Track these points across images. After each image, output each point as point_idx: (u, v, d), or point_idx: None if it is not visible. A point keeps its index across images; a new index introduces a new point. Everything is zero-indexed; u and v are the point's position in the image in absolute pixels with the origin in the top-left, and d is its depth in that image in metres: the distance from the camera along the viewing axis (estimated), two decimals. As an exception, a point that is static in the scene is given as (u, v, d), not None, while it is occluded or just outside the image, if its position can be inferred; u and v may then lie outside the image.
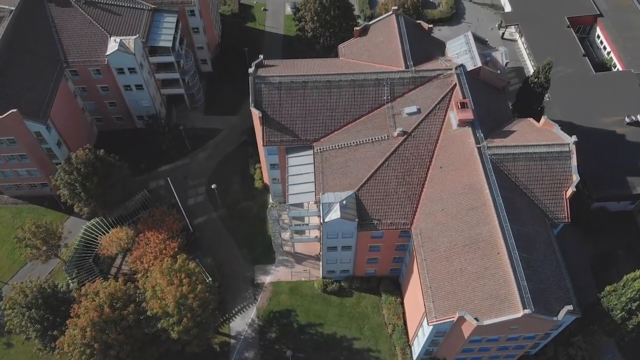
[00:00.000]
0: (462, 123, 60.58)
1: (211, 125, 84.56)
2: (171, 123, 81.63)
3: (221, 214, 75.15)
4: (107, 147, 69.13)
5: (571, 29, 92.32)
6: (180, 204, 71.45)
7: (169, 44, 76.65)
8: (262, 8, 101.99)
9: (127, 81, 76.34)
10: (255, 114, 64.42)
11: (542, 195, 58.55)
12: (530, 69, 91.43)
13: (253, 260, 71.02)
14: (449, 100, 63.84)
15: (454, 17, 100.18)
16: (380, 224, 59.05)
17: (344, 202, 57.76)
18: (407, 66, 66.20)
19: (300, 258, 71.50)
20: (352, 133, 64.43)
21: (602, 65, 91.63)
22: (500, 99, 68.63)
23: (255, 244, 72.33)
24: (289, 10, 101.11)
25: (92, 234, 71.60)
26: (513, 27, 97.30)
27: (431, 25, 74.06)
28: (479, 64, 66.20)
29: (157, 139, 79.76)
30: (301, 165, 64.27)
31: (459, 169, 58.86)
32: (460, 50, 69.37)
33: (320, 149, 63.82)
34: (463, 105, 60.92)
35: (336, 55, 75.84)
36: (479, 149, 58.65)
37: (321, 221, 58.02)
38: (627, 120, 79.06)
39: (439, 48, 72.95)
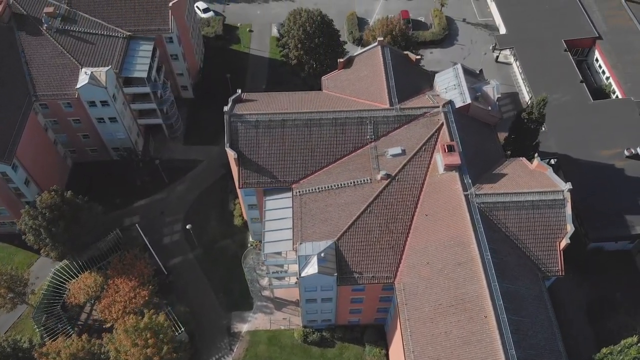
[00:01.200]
0: (449, 168, 56.85)
1: (190, 156, 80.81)
2: (146, 158, 77.79)
3: (197, 254, 71.40)
4: (81, 180, 65.72)
5: (568, 52, 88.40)
6: (152, 249, 67.55)
7: (144, 75, 72.91)
8: (247, 29, 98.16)
9: (100, 114, 72.60)
10: (231, 155, 60.76)
11: (534, 246, 54.74)
12: (525, 95, 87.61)
13: (230, 306, 67.17)
14: (436, 141, 60.11)
15: (447, 38, 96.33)
16: (361, 277, 55.22)
17: (322, 254, 53.94)
18: (391, 103, 62.47)
19: (280, 303, 67.69)
20: (334, 175, 60.69)
21: (600, 91, 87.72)
22: (491, 136, 64.84)
23: (232, 288, 68.53)
24: (275, 31, 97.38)
25: (61, 277, 67.89)
26: (508, 50, 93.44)
27: (419, 57, 70.34)
28: (468, 101, 62.40)
29: (132, 174, 76.02)
30: (279, 209, 60.53)
31: (445, 218, 55.05)
32: (448, 84, 65.56)
33: (299, 191, 60.07)
34: (450, 149, 57.13)
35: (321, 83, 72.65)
36: (466, 196, 54.83)
37: (298, 276, 54.30)
38: (626, 153, 75.15)
39: (427, 80, 69.21)
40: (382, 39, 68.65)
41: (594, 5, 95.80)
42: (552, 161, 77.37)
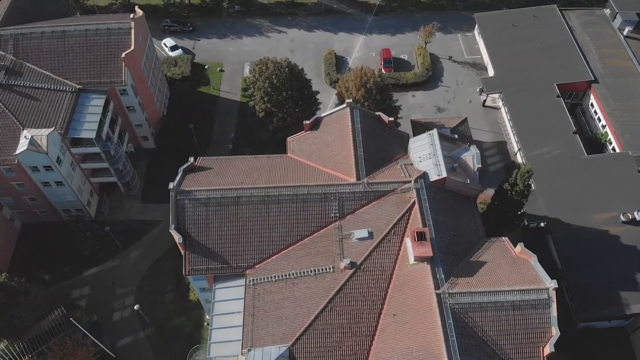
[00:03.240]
0: (420, 259, 50.33)
1: (148, 215, 74.32)
2: (96, 225, 71.26)
3: (150, 334, 64.94)
4: (29, 245, 60.05)
5: (561, 99, 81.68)
6: (100, 326, 61.33)
7: (92, 135, 66.49)
8: (218, 69, 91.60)
9: (44, 178, 66.31)
10: (176, 238, 54.30)
11: (514, 352, 47.96)
12: (514, 145, 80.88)
13: (182, 396, 61.06)
14: (407, 222, 53.61)
15: (430, 79, 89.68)
16: (318, 390, 48.84)
17: (274, 364, 47.56)
18: (358, 177, 55.93)
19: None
20: (293, 259, 54.11)
21: (595, 141, 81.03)
22: (470, 212, 58.05)
23: (186, 375, 62.35)
24: (247, 71, 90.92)
25: (-3, 363, 61.70)
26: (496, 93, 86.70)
27: (392, 119, 63.62)
28: (444, 174, 55.73)
29: (80, 244, 69.64)
30: (229, 300, 53.98)
31: (415, 320, 48.36)
32: (423, 153, 58.91)
33: (253, 280, 53.49)
34: (420, 237, 50.58)
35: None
36: (438, 296, 48.23)
37: (245, 388, 47.92)
38: (622, 218, 68.42)
39: (402, 144, 62.54)
40: (350, 100, 62.15)
41: (590, 44, 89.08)
42: (542, 224, 70.99)
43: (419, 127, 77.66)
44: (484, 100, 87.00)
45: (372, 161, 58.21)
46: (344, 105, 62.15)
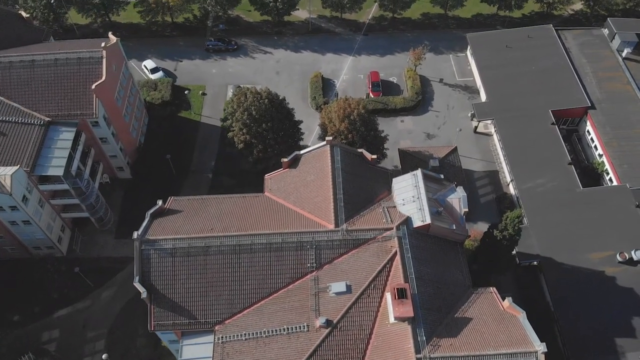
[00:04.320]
0: (400, 319, 46.91)
1: (122, 252, 70.81)
2: (62, 268, 67.88)
3: (120, 384, 61.86)
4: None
5: (556, 126, 78.14)
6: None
7: (60, 172, 63.00)
8: (200, 92, 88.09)
9: (10, 218, 62.95)
10: (141, 291, 50.87)
11: (501, 422, 44.92)
12: (506, 175, 77.25)
13: None
14: (388, 274, 50.28)
15: (420, 104, 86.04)
16: None
17: None
18: (337, 223, 52.62)
19: None
20: (265, 315, 50.69)
21: (592, 171, 77.45)
22: (455, 260, 54.62)
23: None
24: (230, 95, 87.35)
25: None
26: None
27: (374, 156, 60.25)
28: (428, 221, 52.35)
29: (49, 285, 66.38)
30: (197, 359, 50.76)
31: (392, 387, 45.24)
32: (406, 195, 55.44)
33: (222, 338, 49.99)
34: (401, 294, 47.18)
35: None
36: (418, 360, 45.01)
37: None
38: (619, 258, 65.04)
39: (385, 182, 59.17)
40: (330, 138, 58.73)
41: (587, 66, 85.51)
42: (535, 262, 67.56)
43: (407, 157, 74.88)
44: (476, 127, 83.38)
45: (352, 203, 54.90)
46: (324, 142, 58.81)
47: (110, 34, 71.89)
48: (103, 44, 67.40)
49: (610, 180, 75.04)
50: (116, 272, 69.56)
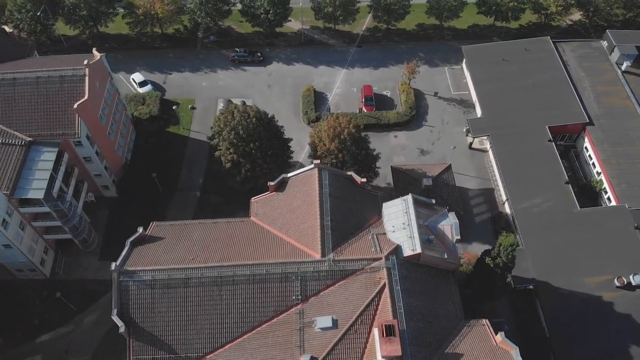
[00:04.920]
0: (388, 358, 45.00)
1: (106, 274, 66.70)
2: (44, 294, 66.05)
3: (102, 415, 60.01)
4: None
5: (553, 143, 76.06)
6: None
7: (40, 195, 60.97)
8: (189, 106, 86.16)
9: (-11, 242, 61.34)
10: (119, 326, 49.02)
11: None
12: (502, 193, 75.24)
13: None
14: (376, 308, 48.40)
15: (414, 118, 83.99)
16: None
17: None
18: (324, 252, 50.74)
19: None
20: (248, 351, 48.78)
21: (589, 189, 75.42)
22: (447, 290, 52.76)
23: None
24: (220, 109, 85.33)
25: None
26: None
27: (364, 179, 58.32)
28: (418, 250, 50.44)
29: (30, 311, 64.59)
30: (178, 396, 48.95)
31: None
32: (396, 221, 53.54)
33: (203, 374, 48.43)
34: (389, 331, 45.27)
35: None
36: (406, 403, 43.20)
37: None
38: (616, 283, 63.03)
39: (375, 206, 57.35)
40: (318, 161, 56.87)
41: (585, 80, 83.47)
42: (530, 286, 65.62)
43: (400, 175, 73.13)
44: (471, 143, 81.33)
45: (340, 230, 53.07)
46: (312, 165, 56.90)
47: (94, 50, 69.97)
48: (85, 62, 65.45)
49: (609, 199, 73.02)
50: (100, 295, 67.61)
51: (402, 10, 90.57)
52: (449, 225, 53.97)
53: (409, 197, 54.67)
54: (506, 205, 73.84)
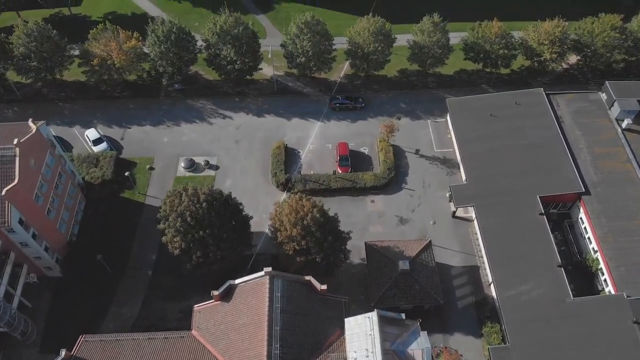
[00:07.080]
0: None
1: (46, 371, 61.93)
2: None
3: None
4: None
5: (544, 217, 68.46)
6: None
7: (-41, 298, 54.17)
8: (147, 166, 78.62)
9: None
10: None
11: None
12: (488, 272, 67.81)
13: None
14: None
15: (393, 181, 76.48)
16: None
17: None
18: (270, 390, 43.54)
19: None
20: None
21: (584, 269, 67.99)
22: None
23: None
24: (182, 169, 78.18)
25: None
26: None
27: (324, 287, 50.99)
28: (381, 386, 43.32)
29: None
30: None
31: None
32: (359, 346, 46.19)
33: None
34: None
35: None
36: None
37: None
38: (614, 392, 56.00)
39: (338, 317, 50.04)
40: (269, 269, 49.57)
41: (582, 140, 75.95)
42: (517, 390, 58.35)
43: (374, 254, 66.24)
44: (454, 211, 73.85)
45: (292, 357, 45.74)
46: (262, 273, 49.65)
47: (30, 121, 62.63)
48: (15, 141, 58.11)
49: (605, 281, 65.57)
50: (38, 395, 60.81)
51: (381, 59, 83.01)
52: (420, 350, 46.63)
53: (373, 315, 47.28)
54: (492, 287, 66.45)
